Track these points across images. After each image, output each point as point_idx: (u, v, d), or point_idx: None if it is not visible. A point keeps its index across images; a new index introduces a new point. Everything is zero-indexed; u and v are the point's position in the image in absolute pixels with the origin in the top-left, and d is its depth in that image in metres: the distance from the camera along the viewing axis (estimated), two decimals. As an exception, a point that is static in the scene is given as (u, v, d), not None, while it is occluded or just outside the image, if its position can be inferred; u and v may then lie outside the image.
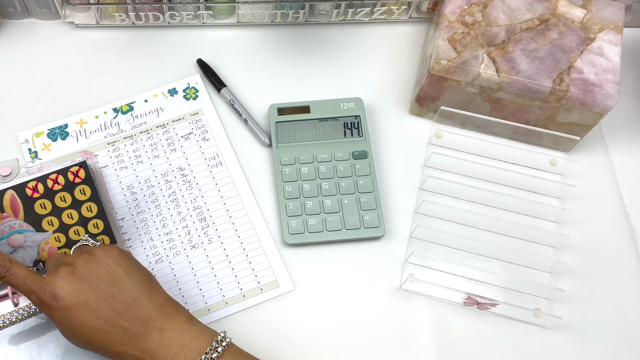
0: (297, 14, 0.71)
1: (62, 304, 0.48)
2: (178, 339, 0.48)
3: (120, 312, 0.48)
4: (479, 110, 0.66)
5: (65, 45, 0.70)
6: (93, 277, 0.49)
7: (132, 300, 0.49)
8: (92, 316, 0.48)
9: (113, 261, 0.51)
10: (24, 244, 0.57)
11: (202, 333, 0.49)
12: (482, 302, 0.58)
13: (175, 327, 0.48)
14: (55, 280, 0.49)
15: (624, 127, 0.71)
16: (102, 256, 0.51)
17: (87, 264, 0.50)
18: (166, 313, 0.49)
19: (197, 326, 0.49)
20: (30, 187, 0.57)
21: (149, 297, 0.50)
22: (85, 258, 0.50)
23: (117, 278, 0.50)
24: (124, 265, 0.51)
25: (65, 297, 0.48)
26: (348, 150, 0.65)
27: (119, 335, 0.48)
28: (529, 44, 0.62)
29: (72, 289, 0.48)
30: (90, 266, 0.50)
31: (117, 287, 0.49)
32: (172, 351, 0.47)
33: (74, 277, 0.49)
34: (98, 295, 0.48)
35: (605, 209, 0.66)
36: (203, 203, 0.63)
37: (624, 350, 0.59)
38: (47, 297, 0.48)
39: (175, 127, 0.67)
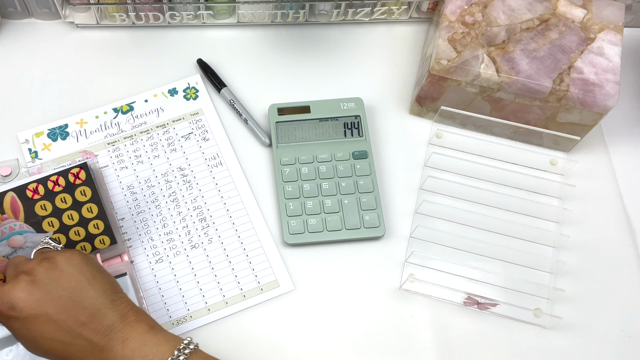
0: (297, 14, 0.71)
1: (21, 315, 0.46)
2: (140, 349, 0.46)
3: (83, 323, 0.46)
4: (479, 110, 0.66)
5: (65, 45, 0.70)
6: (54, 286, 0.47)
7: (95, 311, 0.47)
8: (53, 328, 0.46)
9: (75, 269, 0.48)
10: (24, 244, 0.57)
11: (164, 342, 0.47)
12: (482, 302, 0.58)
13: (137, 336, 0.47)
14: (14, 290, 0.47)
15: (624, 127, 0.71)
16: (63, 264, 0.48)
17: (47, 273, 0.48)
18: (128, 322, 0.48)
19: (160, 335, 0.48)
20: (31, 189, 0.57)
21: (112, 307, 0.48)
22: (45, 266, 0.48)
23: (79, 288, 0.48)
24: (86, 273, 0.49)
25: (25, 308, 0.46)
26: (348, 150, 0.65)
27: (82, 347, 0.46)
28: (529, 44, 0.62)
29: (32, 300, 0.46)
30: (51, 275, 0.48)
31: (80, 297, 0.47)
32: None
33: (34, 287, 0.47)
34: (60, 307, 0.46)
35: (605, 209, 0.66)
36: (203, 203, 0.63)
37: (624, 350, 0.59)
38: (4, 307, 0.47)
39: (175, 127, 0.67)
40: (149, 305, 0.58)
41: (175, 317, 0.58)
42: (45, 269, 0.48)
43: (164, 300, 0.59)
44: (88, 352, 0.46)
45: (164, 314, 0.58)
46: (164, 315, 0.58)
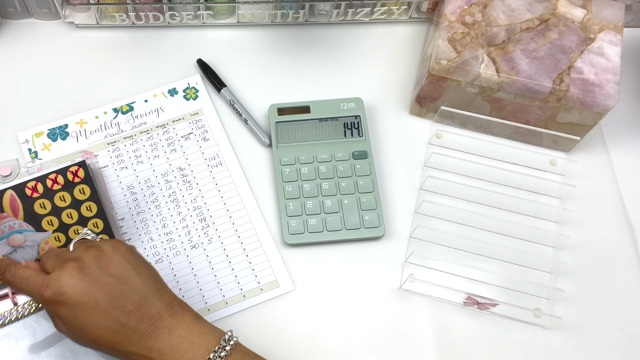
0: (297, 14, 0.71)
1: (70, 301, 0.47)
2: (187, 337, 0.47)
3: (130, 311, 0.47)
4: (479, 110, 0.66)
5: (65, 45, 0.70)
6: (102, 273, 0.48)
7: (142, 299, 0.48)
8: (102, 315, 0.46)
9: (122, 257, 0.49)
10: (24, 243, 0.57)
11: (210, 332, 0.48)
12: (482, 302, 0.58)
13: (183, 325, 0.48)
14: (62, 277, 0.47)
15: (624, 127, 0.71)
16: (110, 252, 0.49)
17: (96, 260, 0.48)
18: (174, 312, 0.48)
19: (205, 325, 0.49)
20: (30, 187, 0.57)
21: (158, 296, 0.49)
22: (93, 254, 0.49)
23: (126, 275, 0.48)
24: (132, 261, 0.49)
25: (74, 295, 0.47)
26: (348, 150, 0.65)
27: (128, 335, 0.47)
28: (529, 44, 0.62)
29: (82, 287, 0.47)
30: (100, 262, 0.48)
31: (127, 284, 0.48)
32: (181, 350, 0.46)
33: (83, 274, 0.47)
34: (109, 293, 0.47)
35: (605, 209, 0.66)
36: (203, 203, 0.63)
37: (624, 350, 0.59)
38: (51, 293, 0.47)
39: (175, 127, 0.67)
40: (148, 305, 0.58)
41: (175, 317, 0.58)
42: (93, 256, 0.48)
43: (164, 300, 0.59)
44: (135, 340, 0.47)
45: (164, 314, 0.58)
46: (164, 315, 0.58)
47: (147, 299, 0.48)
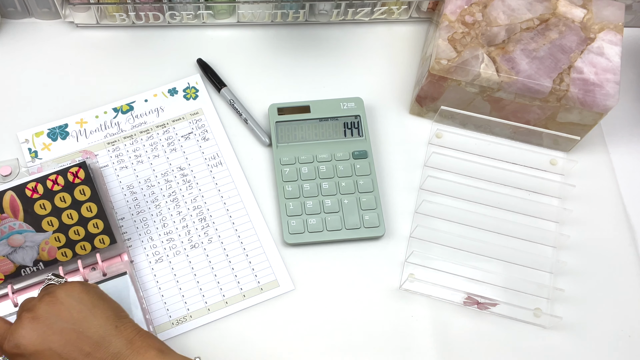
0: (297, 14, 0.71)
1: (26, 352, 0.46)
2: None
3: (88, 354, 0.46)
4: (479, 110, 0.66)
5: (65, 45, 0.70)
6: (55, 320, 0.47)
7: (100, 339, 0.47)
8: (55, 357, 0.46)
9: (75, 300, 0.48)
10: (24, 244, 0.57)
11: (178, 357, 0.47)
12: (482, 302, 0.58)
13: None
14: (18, 329, 0.47)
15: (624, 127, 0.71)
16: (63, 296, 0.48)
17: (48, 307, 0.48)
18: (136, 348, 0.47)
19: (171, 357, 0.48)
20: (30, 188, 0.57)
21: (117, 334, 0.48)
22: (46, 301, 0.48)
23: (80, 318, 0.48)
24: (87, 303, 0.49)
25: (29, 345, 0.46)
26: (348, 150, 0.65)
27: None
28: (529, 43, 0.62)
29: (35, 336, 0.46)
30: (51, 309, 0.48)
31: (82, 327, 0.47)
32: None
33: (36, 323, 0.47)
34: (63, 339, 0.46)
35: (605, 209, 0.66)
36: (203, 203, 0.63)
37: (624, 350, 0.59)
38: (9, 346, 0.47)
39: (175, 126, 0.67)
40: (148, 305, 0.58)
41: (175, 317, 0.58)
42: (45, 304, 0.48)
43: (164, 300, 0.59)
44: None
45: (164, 314, 0.58)
46: (164, 315, 0.58)
47: (105, 339, 0.47)
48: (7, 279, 0.57)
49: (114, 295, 0.57)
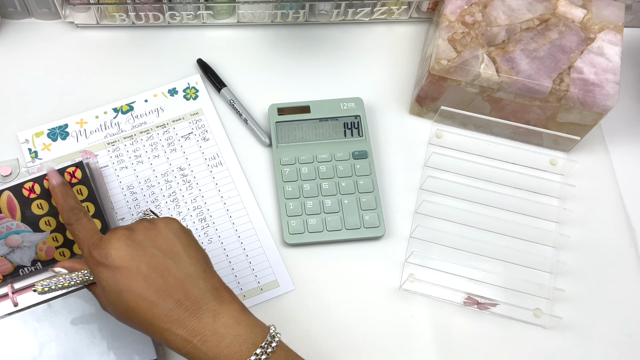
0: (297, 14, 0.71)
1: (112, 264, 0.45)
2: (233, 327, 0.44)
3: (172, 286, 0.45)
4: (479, 110, 0.66)
5: (65, 45, 0.70)
6: (150, 245, 0.46)
7: (187, 277, 0.45)
8: (142, 284, 0.45)
9: (173, 234, 0.47)
10: (22, 244, 0.57)
11: (256, 325, 0.46)
12: (482, 302, 0.58)
13: (229, 314, 0.45)
14: (111, 240, 0.46)
15: (624, 127, 0.71)
16: (162, 227, 0.48)
17: (145, 231, 0.47)
18: (220, 298, 0.46)
19: (251, 317, 0.46)
20: (27, 188, 0.57)
21: (204, 278, 0.46)
22: (145, 225, 0.48)
23: (174, 251, 0.46)
24: (183, 240, 0.48)
25: (117, 259, 0.45)
26: (348, 150, 0.65)
27: (167, 310, 0.44)
28: (529, 44, 0.62)
29: (126, 252, 0.45)
30: (148, 234, 0.47)
31: (173, 260, 0.46)
32: (226, 340, 0.44)
33: (130, 241, 0.46)
34: (152, 264, 0.45)
35: (605, 209, 0.66)
36: (203, 203, 0.63)
37: (624, 350, 0.59)
38: (99, 254, 0.46)
39: (175, 127, 0.67)
40: (148, 305, 0.58)
41: (175, 317, 0.58)
42: (144, 228, 0.47)
43: (164, 300, 0.59)
44: (174, 318, 0.44)
45: (164, 314, 0.58)
46: (164, 315, 0.58)
47: (192, 279, 0.46)
48: (5, 279, 0.57)
49: (114, 295, 0.57)
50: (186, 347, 0.44)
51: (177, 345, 0.44)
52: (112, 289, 0.45)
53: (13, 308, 0.57)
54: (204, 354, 0.44)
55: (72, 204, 0.52)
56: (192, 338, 0.44)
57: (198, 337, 0.44)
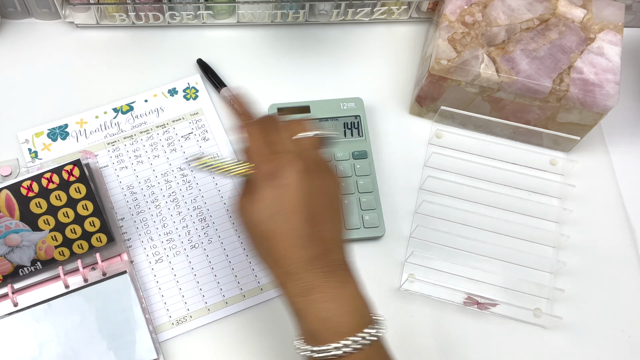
0: (297, 14, 0.71)
1: (280, 182, 0.43)
2: (353, 301, 0.43)
3: (321, 239, 0.44)
4: (479, 110, 0.66)
5: (65, 45, 0.70)
6: (320, 191, 0.44)
7: (334, 239, 0.45)
8: (298, 221, 0.43)
9: (338, 195, 0.46)
10: (21, 243, 0.57)
11: (370, 303, 0.45)
12: (482, 302, 0.58)
13: (354, 288, 0.44)
14: (290, 162, 0.44)
15: (624, 127, 0.71)
16: (333, 184, 0.46)
17: (322, 175, 0.45)
18: (350, 271, 0.45)
19: (367, 300, 0.45)
20: (25, 187, 0.57)
21: (344, 248, 0.46)
22: (323, 168, 0.46)
23: (335, 211, 0.45)
24: (342, 207, 0.46)
25: (288, 180, 0.43)
26: (348, 150, 0.65)
27: (305, 257, 0.43)
28: (529, 44, 0.62)
29: (298, 183, 0.43)
30: (323, 181, 0.45)
31: (332, 218, 0.45)
32: (344, 309, 0.43)
33: (307, 176, 0.44)
34: (314, 210, 0.44)
35: (605, 209, 0.66)
36: (203, 203, 0.63)
37: (624, 350, 0.59)
38: (272, 167, 0.44)
39: (175, 127, 0.67)
40: (149, 305, 0.58)
41: (175, 317, 0.58)
42: (321, 170, 0.45)
43: (164, 300, 0.59)
44: (307, 267, 0.43)
45: (164, 314, 0.58)
46: (164, 315, 0.58)
47: (338, 243, 0.45)
48: (5, 279, 0.57)
49: (114, 295, 0.57)
50: (301, 302, 0.43)
51: (292, 294, 0.44)
52: (267, 206, 0.44)
53: (13, 308, 0.57)
54: (315, 314, 0.43)
55: (245, 109, 0.50)
56: (312, 294, 0.43)
57: (318, 295, 0.43)
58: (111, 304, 0.57)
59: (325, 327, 0.43)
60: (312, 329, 0.43)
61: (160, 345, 0.57)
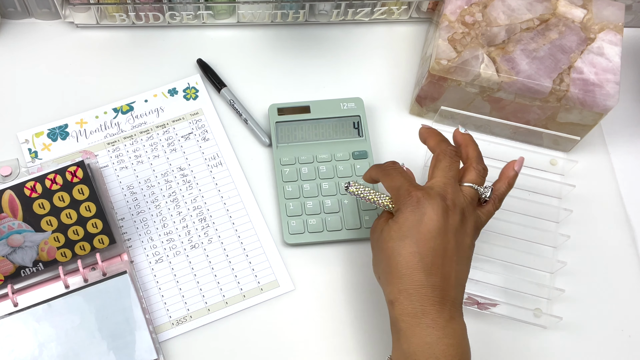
0: (297, 14, 0.71)
1: (420, 212, 0.47)
2: (457, 335, 0.47)
3: (443, 273, 0.47)
4: (479, 110, 0.66)
5: (65, 45, 0.70)
6: (453, 232, 0.48)
7: (456, 278, 0.47)
8: (428, 249, 0.46)
9: (471, 240, 0.49)
10: (23, 244, 0.57)
11: (468, 349, 0.49)
12: (482, 302, 0.58)
13: (460, 325, 0.47)
14: (434, 197, 0.48)
15: (624, 127, 0.71)
16: (470, 228, 0.49)
17: (459, 219, 0.48)
18: (460, 311, 0.48)
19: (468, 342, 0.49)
20: (29, 187, 0.57)
21: (462, 289, 0.49)
22: (463, 210, 0.49)
23: (464, 255, 0.49)
24: (472, 251, 0.50)
25: (427, 214, 0.47)
26: (348, 150, 0.65)
27: (423, 282, 0.46)
28: (529, 44, 0.62)
29: (436, 218, 0.47)
30: (459, 225, 0.48)
31: (458, 258, 0.48)
32: (444, 341, 0.45)
33: (445, 215, 0.47)
34: (444, 246, 0.47)
35: (605, 209, 0.66)
36: (203, 203, 0.63)
37: (624, 350, 0.59)
38: (420, 194, 0.48)
39: (175, 127, 0.67)
40: (148, 305, 0.58)
41: (175, 317, 0.58)
42: (460, 213, 0.49)
43: (164, 300, 0.59)
44: (421, 292, 0.46)
45: (164, 314, 0.58)
46: (164, 315, 0.58)
47: (458, 282, 0.48)
48: (6, 279, 0.57)
49: (114, 295, 0.57)
50: (409, 321, 0.46)
51: (403, 312, 0.46)
52: (402, 229, 0.47)
53: (13, 308, 0.57)
54: (420, 337, 0.45)
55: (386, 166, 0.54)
56: (422, 318, 0.46)
57: (428, 320, 0.45)
58: (111, 304, 0.57)
59: (427, 351, 0.45)
60: (412, 350, 0.45)
61: (160, 345, 0.57)
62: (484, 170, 0.52)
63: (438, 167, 0.51)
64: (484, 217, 0.51)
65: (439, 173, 0.50)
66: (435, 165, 0.51)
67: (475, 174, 0.52)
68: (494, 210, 0.52)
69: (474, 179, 0.51)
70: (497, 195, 0.52)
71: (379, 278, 0.50)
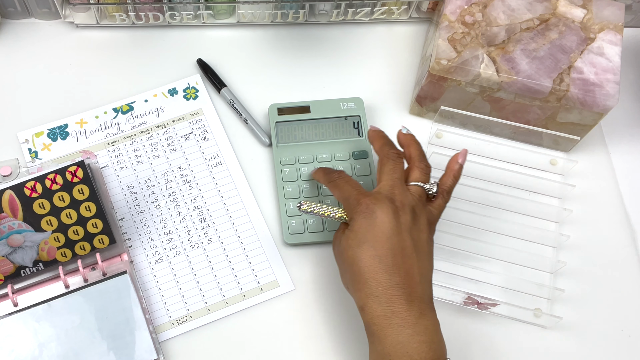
0: (297, 14, 0.71)
1: (372, 217, 0.48)
2: (429, 332, 0.47)
3: (405, 271, 0.47)
4: (479, 110, 0.66)
5: (65, 45, 0.70)
6: (407, 231, 0.49)
7: (419, 275, 0.48)
8: (385, 250, 0.47)
9: (428, 236, 0.50)
10: (23, 244, 0.57)
11: (443, 346, 0.49)
12: (482, 302, 0.58)
13: (432, 321, 0.48)
14: (382, 200, 0.49)
15: (624, 127, 0.71)
16: (424, 224, 0.50)
17: (411, 216, 0.49)
18: (431, 307, 0.49)
19: (442, 337, 0.49)
20: (29, 187, 0.57)
21: (429, 285, 0.49)
22: (413, 208, 0.50)
23: (423, 250, 0.50)
24: (431, 247, 0.51)
25: (379, 218, 0.48)
26: (348, 150, 0.65)
27: (387, 282, 0.47)
28: (529, 44, 0.62)
29: (388, 220, 0.48)
30: (412, 221, 0.49)
31: (418, 256, 0.49)
32: (418, 337, 0.46)
33: (395, 215, 0.49)
34: (401, 245, 0.48)
35: (605, 209, 0.66)
36: (203, 203, 0.63)
37: (624, 350, 0.59)
38: (369, 201, 0.49)
39: (175, 127, 0.67)
40: (148, 305, 0.58)
41: (175, 317, 0.58)
42: (411, 211, 0.50)
43: (164, 300, 0.59)
44: (388, 292, 0.47)
45: (164, 314, 0.58)
46: (164, 315, 0.58)
47: (422, 278, 0.49)
48: (6, 279, 0.57)
49: (114, 295, 0.57)
50: (380, 323, 0.47)
51: (374, 315, 0.47)
52: (358, 236, 0.49)
53: (13, 308, 0.57)
54: (392, 337, 0.46)
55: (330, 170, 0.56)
56: (391, 319, 0.47)
57: (399, 320, 0.46)
58: (111, 304, 0.57)
59: (400, 350, 0.46)
60: (386, 351, 0.46)
61: (160, 345, 0.57)
62: (427, 167, 0.54)
63: (383, 170, 0.53)
64: (435, 211, 0.52)
65: (385, 177, 0.52)
66: (381, 169, 0.53)
67: (419, 172, 0.53)
68: (444, 203, 0.54)
69: (418, 177, 0.53)
70: (445, 189, 0.54)
71: (348, 288, 0.51)
